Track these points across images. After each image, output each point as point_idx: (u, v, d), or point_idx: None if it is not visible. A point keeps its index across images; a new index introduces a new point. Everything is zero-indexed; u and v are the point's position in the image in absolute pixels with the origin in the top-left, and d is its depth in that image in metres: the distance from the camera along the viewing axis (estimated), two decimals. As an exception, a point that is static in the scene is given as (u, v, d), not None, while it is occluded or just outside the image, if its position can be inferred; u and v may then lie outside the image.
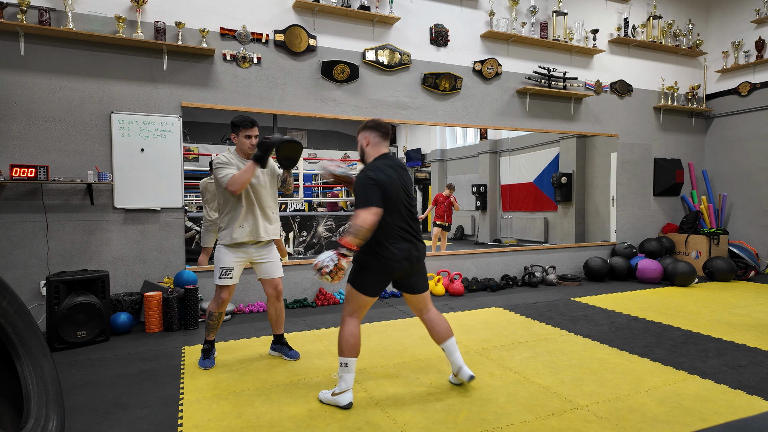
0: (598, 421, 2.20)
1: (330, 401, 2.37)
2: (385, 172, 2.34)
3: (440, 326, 2.54)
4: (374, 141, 2.48)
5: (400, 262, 2.35)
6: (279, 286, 3.03)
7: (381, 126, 2.49)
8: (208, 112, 4.36)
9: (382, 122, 2.50)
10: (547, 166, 6.86)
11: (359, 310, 2.41)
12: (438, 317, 2.56)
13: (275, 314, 3.08)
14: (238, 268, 2.92)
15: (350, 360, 2.36)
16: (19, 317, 1.86)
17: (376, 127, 2.48)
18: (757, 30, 6.41)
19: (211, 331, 2.98)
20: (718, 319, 3.98)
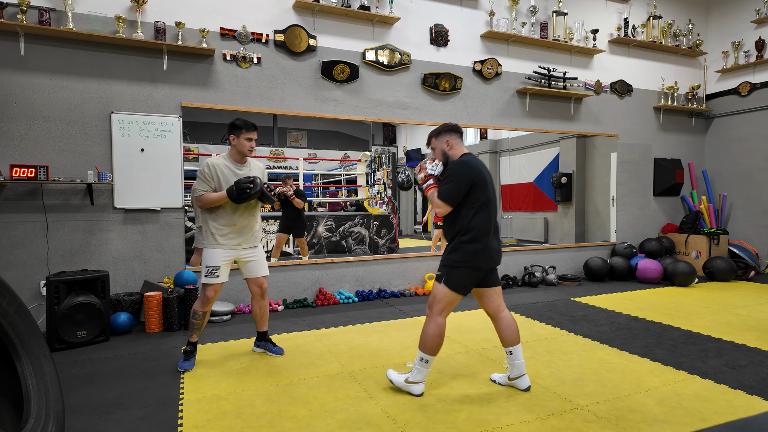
0: (598, 421, 2.20)
1: (402, 386, 2.51)
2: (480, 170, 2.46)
3: (512, 329, 2.55)
4: (455, 142, 2.57)
5: (492, 258, 2.47)
6: (264, 284, 3.11)
7: (458, 128, 2.61)
8: (208, 112, 4.35)
9: (456, 125, 2.62)
10: (547, 166, 6.85)
11: (448, 308, 2.47)
12: (511, 320, 2.57)
13: (259, 311, 3.16)
14: (225, 267, 2.96)
15: (431, 358, 2.45)
16: (19, 317, 1.86)
17: (454, 129, 2.58)
18: (757, 30, 6.41)
19: (194, 332, 2.97)
20: (718, 319, 3.98)
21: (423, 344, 2.45)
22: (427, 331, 2.44)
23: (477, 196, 2.42)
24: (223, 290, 4.33)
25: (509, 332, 2.54)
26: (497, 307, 2.57)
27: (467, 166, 2.44)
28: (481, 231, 2.42)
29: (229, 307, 4.13)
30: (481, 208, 2.43)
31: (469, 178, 2.42)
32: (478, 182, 2.42)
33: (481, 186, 2.44)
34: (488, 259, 2.46)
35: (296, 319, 4.08)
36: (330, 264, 4.80)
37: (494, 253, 2.50)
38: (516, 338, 2.54)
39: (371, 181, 6.02)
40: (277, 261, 4.88)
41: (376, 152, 5.91)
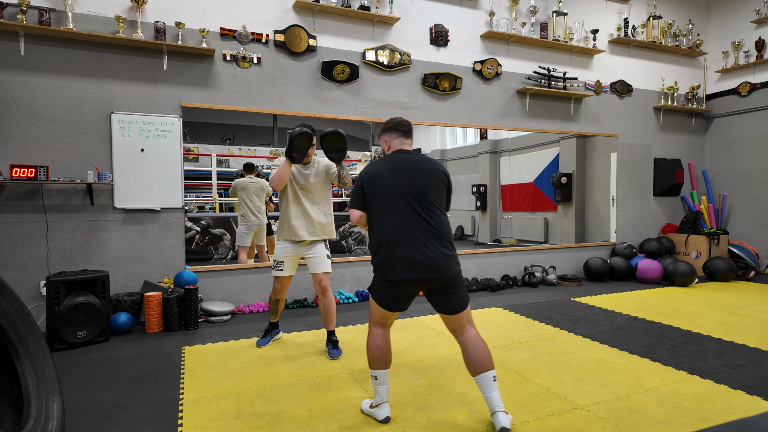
0: (598, 421, 2.20)
1: (368, 413, 2.24)
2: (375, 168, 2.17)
3: (474, 353, 2.07)
4: (395, 143, 2.27)
5: (408, 270, 2.03)
6: (323, 281, 3.15)
7: (399, 124, 2.28)
8: (208, 112, 4.36)
9: (401, 120, 2.29)
10: (547, 166, 6.85)
11: (381, 320, 2.20)
12: (473, 341, 2.09)
13: (323, 309, 3.22)
14: (289, 262, 3.18)
15: (379, 372, 2.17)
16: (19, 317, 1.86)
17: (394, 127, 2.28)
18: (757, 30, 6.41)
19: (271, 314, 3.38)
20: (718, 319, 3.97)
21: (368, 360, 2.21)
22: (366, 345, 2.22)
23: (374, 196, 2.14)
24: (223, 290, 4.33)
25: (471, 356, 2.07)
26: (455, 329, 2.14)
27: (366, 167, 2.22)
28: (383, 236, 2.09)
29: (229, 307, 4.13)
30: (382, 209, 2.11)
31: (359, 180, 2.18)
32: (372, 180, 2.15)
33: (376, 184, 2.13)
34: (398, 270, 2.03)
35: (296, 319, 4.08)
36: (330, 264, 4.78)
37: (411, 264, 2.03)
38: (481, 364, 2.05)
39: (371, 181, 6.00)
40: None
41: (376, 152, 5.91)
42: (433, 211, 2.10)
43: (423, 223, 2.07)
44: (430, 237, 2.06)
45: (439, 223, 2.10)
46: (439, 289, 2.09)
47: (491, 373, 2.05)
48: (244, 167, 5.09)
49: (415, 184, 2.11)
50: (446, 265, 2.06)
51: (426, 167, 2.17)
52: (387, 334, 2.22)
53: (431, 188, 2.13)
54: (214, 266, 4.40)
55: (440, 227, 2.10)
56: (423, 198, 2.10)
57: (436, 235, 2.08)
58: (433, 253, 2.04)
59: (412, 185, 2.11)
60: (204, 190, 5.56)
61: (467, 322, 2.12)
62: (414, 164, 2.16)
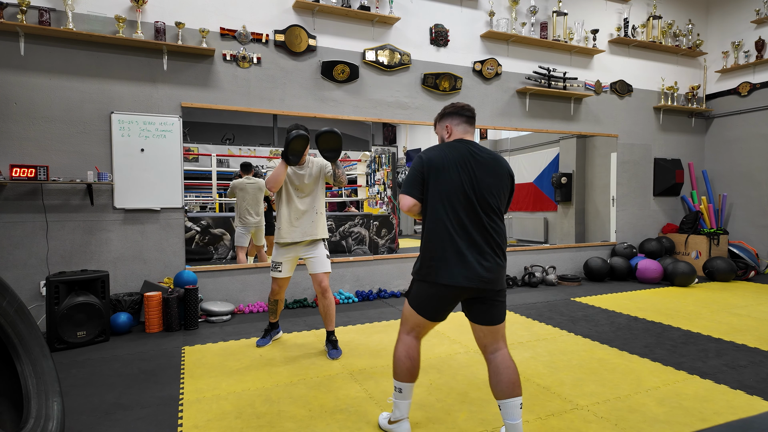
0: (598, 421, 2.20)
1: (386, 428, 2.08)
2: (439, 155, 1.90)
3: (505, 375, 1.87)
4: (457, 130, 2.01)
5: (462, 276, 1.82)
6: (323, 282, 3.14)
7: (464, 109, 2.02)
8: (208, 112, 4.36)
9: (465, 105, 2.04)
10: (547, 166, 6.85)
11: (416, 329, 2.00)
12: (506, 363, 1.89)
13: (322, 310, 3.21)
14: (287, 263, 3.19)
15: (404, 385, 1.99)
16: (19, 317, 1.86)
17: (458, 112, 2.02)
18: (757, 30, 6.41)
19: (270, 314, 3.39)
20: (718, 319, 3.97)
21: (393, 370, 2.02)
22: (394, 353, 2.03)
23: (434, 186, 1.88)
24: (223, 290, 4.33)
25: (498, 378, 1.88)
26: (486, 345, 1.93)
27: (427, 151, 1.95)
28: (436, 236, 1.87)
29: (228, 307, 4.13)
30: (441, 203, 1.87)
31: (419, 164, 1.91)
32: (435, 168, 1.88)
33: (439, 173, 1.87)
34: (452, 275, 1.83)
35: (296, 319, 4.08)
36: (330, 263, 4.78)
37: (466, 271, 1.82)
38: (510, 389, 1.85)
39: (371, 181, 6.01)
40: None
41: (376, 152, 5.91)
42: (493, 216, 1.89)
43: (483, 228, 1.86)
44: (487, 245, 1.86)
45: (498, 229, 1.89)
46: (483, 298, 1.89)
47: (519, 399, 1.85)
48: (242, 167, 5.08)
49: (481, 183, 1.87)
50: (499, 276, 1.87)
51: (494, 166, 1.91)
52: (419, 345, 2.02)
53: (496, 190, 1.89)
54: (214, 266, 4.40)
55: (499, 235, 1.89)
56: (486, 200, 1.87)
57: (493, 243, 1.87)
58: (489, 262, 1.84)
59: (479, 184, 1.86)
60: (204, 190, 5.55)
61: (501, 338, 1.93)
62: (483, 161, 1.90)
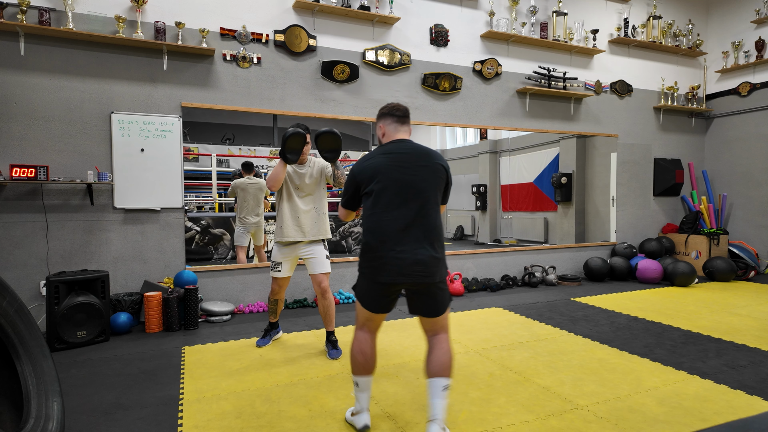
0: (598, 421, 2.20)
1: (349, 421, 2.16)
2: (370, 159, 2.01)
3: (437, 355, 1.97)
4: (389, 130, 2.11)
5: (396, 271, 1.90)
6: (322, 282, 3.15)
7: (394, 110, 2.11)
8: (208, 112, 4.36)
9: (396, 105, 2.13)
10: (547, 166, 6.85)
11: (366, 323, 2.07)
12: (441, 345, 1.99)
13: (322, 310, 3.22)
14: (287, 263, 3.20)
15: (360, 379, 2.05)
16: (19, 317, 1.86)
17: (389, 112, 2.11)
18: (757, 30, 6.41)
19: (270, 314, 3.40)
20: (718, 319, 3.98)
21: (350, 365, 2.09)
22: (350, 350, 2.10)
23: (367, 190, 1.99)
24: (223, 290, 4.33)
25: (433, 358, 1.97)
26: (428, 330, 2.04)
27: (359, 161, 2.05)
28: (374, 233, 1.95)
29: (228, 307, 4.13)
30: (375, 201, 1.96)
31: (351, 178, 2.04)
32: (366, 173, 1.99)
33: (370, 177, 1.97)
34: (386, 271, 1.91)
35: (296, 319, 4.08)
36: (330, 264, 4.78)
37: (398, 265, 1.89)
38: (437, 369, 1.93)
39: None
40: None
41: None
42: (427, 210, 1.95)
43: (416, 222, 1.92)
44: (422, 238, 1.92)
45: (431, 223, 1.95)
46: (422, 290, 1.96)
47: (444, 381, 1.92)
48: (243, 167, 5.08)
49: (412, 179, 1.95)
50: (435, 269, 1.92)
51: (425, 161, 1.99)
52: (372, 339, 2.08)
53: (429, 184, 1.97)
54: (214, 266, 4.40)
55: (433, 228, 1.95)
56: (419, 195, 1.95)
57: (428, 236, 1.93)
58: (424, 255, 1.90)
59: (409, 180, 1.95)
60: (204, 190, 5.55)
61: (441, 328, 2.01)
62: (412, 157, 1.99)
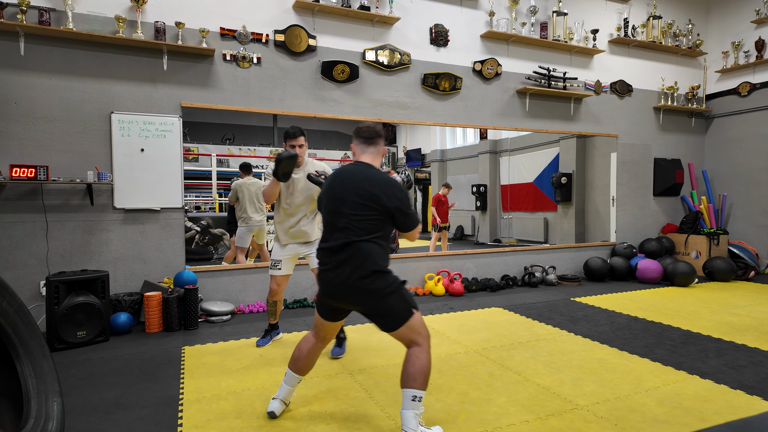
0: (598, 421, 2.20)
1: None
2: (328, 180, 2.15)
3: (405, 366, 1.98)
4: (356, 150, 2.18)
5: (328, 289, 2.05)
6: None
7: (359, 131, 2.15)
8: (208, 112, 4.36)
9: (362, 126, 2.16)
10: (547, 166, 6.85)
11: (315, 325, 2.20)
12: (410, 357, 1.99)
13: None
14: (287, 262, 3.23)
15: (288, 371, 2.25)
16: (19, 317, 1.86)
17: (355, 134, 2.16)
18: (757, 30, 6.41)
19: (270, 316, 3.41)
20: (718, 319, 3.98)
21: None
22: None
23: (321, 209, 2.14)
24: (223, 290, 4.33)
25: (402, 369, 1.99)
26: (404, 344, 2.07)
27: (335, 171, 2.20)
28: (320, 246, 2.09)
29: (228, 307, 4.13)
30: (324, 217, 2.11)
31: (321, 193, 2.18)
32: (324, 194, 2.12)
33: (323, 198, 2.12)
34: (323, 289, 2.06)
35: (296, 319, 4.08)
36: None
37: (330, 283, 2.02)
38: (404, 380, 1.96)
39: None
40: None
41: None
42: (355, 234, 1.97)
43: (342, 245, 1.98)
44: (347, 262, 1.96)
45: (358, 246, 1.96)
46: (362, 311, 2.04)
47: (411, 392, 1.92)
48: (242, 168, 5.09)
49: (342, 204, 2.01)
50: (359, 296, 1.97)
51: (359, 188, 2.00)
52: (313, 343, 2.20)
53: (359, 211, 1.98)
54: (214, 266, 4.40)
55: (362, 255, 1.95)
56: (347, 221, 1.99)
57: (352, 258, 1.96)
58: (342, 278, 1.97)
59: (340, 206, 2.01)
60: (204, 190, 5.56)
61: (406, 340, 2.01)
62: (349, 183, 2.03)
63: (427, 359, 1.98)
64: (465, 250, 5.66)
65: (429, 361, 1.99)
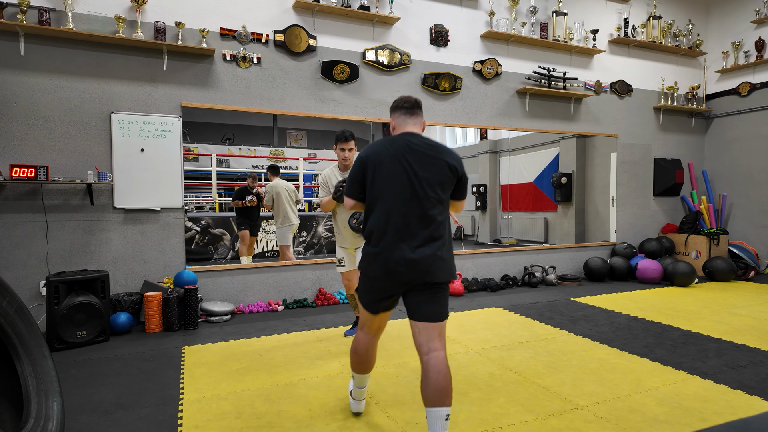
0: (598, 421, 2.20)
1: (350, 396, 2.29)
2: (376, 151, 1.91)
3: (434, 380, 1.75)
4: (398, 122, 2.02)
5: (392, 270, 1.82)
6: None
7: (399, 102, 2.04)
8: (208, 112, 4.36)
9: (406, 97, 2.05)
10: (547, 166, 6.85)
11: (365, 323, 2.05)
12: (437, 367, 1.77)
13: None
14: (348, 258, 3.41)
15: (356, 375, 2.16)
16: (19, 317, 1.86)
17: (397, 105, 2.03)
18: (757, 30, 6.41)
19: (354, 309, 3.55)
20: (718, 319, 3.98)
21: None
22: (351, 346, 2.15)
23: (372, 183, 1.90)
24: (223, 290, 4.33)
25: (428, 382, 1.76)
26: (421, 343, 1.83)
27: (366, 148, 1.97)
28: (374, 229, 1.87)
29: (228, 307, 4.13)
30: (376, 198, 1.89)
31: (360, 161, 1.94)
32: (370, 165, 1.90)
33: (376, 169, 1.89)
34: (384, 269, 1.84)
35: (296, 319, 4.08)
36: (330, 264, 4.79)
37: (397, 264, 1.81)
38: (437, 397, 1.72)
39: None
40: (276, 262, 4.88)
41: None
42: (430, 207, 1.85)
43: (418, 218, 1.83)
44: (421, 235, 1.83)
45: (435, 220, 1.85)
46: (419, 288, 1.84)
47: (446, 410, 1.72)
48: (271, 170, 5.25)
49: (416, 174, 1.85)
50: (434, 268, 1.82)
51: (431, 155, 1.88)
52: (370, 341, 2.07)
53: (434, 181, 1.86)
54: (214, 266, 4.40)
55: (436, 225, 1.84)
56: (423, 191, 1.84)
57: (429, 233, 1.83)
58: (421, 252, 1.81)
59: (414, 175, 1.85)
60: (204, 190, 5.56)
61: (437, 338, 1.83)
62: (418, 151, 1.88)
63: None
64: (465, 250, 5.66)
65: None
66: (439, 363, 1.77)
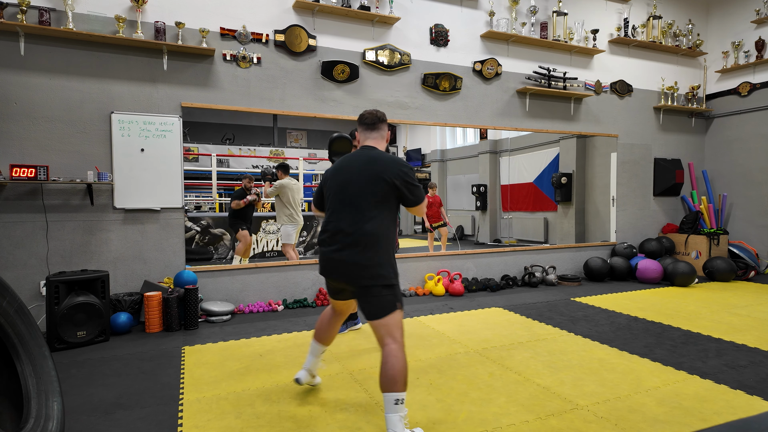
0: (598, 421, 2.20)
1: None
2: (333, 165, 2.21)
3: (384, 369, 1.94)
4: (360, 137, 2.25)
5: (326, 268, 2.13)
6: None
7: (362, 117, 2.23)
8: (208, 112, 4.36)
9: (366, 112, 2.24)
10: (547, 166, 6.85)
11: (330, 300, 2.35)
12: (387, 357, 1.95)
13: None
14: None
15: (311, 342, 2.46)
16: (19, 317, 1.86)
17: (358, 121, 2.24)
18: (757, 30, 6.41)
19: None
20: (718, 319, 3.98)
21: None
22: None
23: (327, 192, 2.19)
24: (223, 290, 4.33)
25: (381, 373, 1.95)
26: (378, 339, 2.03)
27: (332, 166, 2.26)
28: (320, 234, 2.16)
29: (228, 307, 4.13)
30: (326, 207, 2.18)
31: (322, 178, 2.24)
32: (326, 176, 2.20)
33: (327, 181, 2.18)
34: (322, 269, 2.15)
35: (296, 319, 4.08)
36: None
37: (326, 264, 2.11)
38: (385, 383, 1.91)
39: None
40: (277, 261, 4.88)
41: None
42: (359, 215, 2.02)
43: (347, 225, 2.03)
44: (347, 240, 2.02)
45: (363, 227, 2.01)
46: (356, 291, 2.05)
47: (394, 395, 1.89)
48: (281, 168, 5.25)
49: (350, 185, 2.07)
50: (355, 272, 2.01)
51: (368, 168, 2.06)
52: (332, 315, 2.38)
53: (367, 191, 2.04)
54: (214, 266, 4.40)
55: (363, 231, 2.00)
56: (357, 200, 2.04)
57: (355, 239, 2.00)
58: (342, 256, 2.02)
59: (348, 186, 2.08)
60: (204, 190, 5.57)
61: (386, 334, 1.98)
62: (357, 164, 2.10)
63: (405, 359, 1.97)
64: (465, 250, 5.66)
65: (406, 361, 1.98)
66: (386, 354, 1.97)
